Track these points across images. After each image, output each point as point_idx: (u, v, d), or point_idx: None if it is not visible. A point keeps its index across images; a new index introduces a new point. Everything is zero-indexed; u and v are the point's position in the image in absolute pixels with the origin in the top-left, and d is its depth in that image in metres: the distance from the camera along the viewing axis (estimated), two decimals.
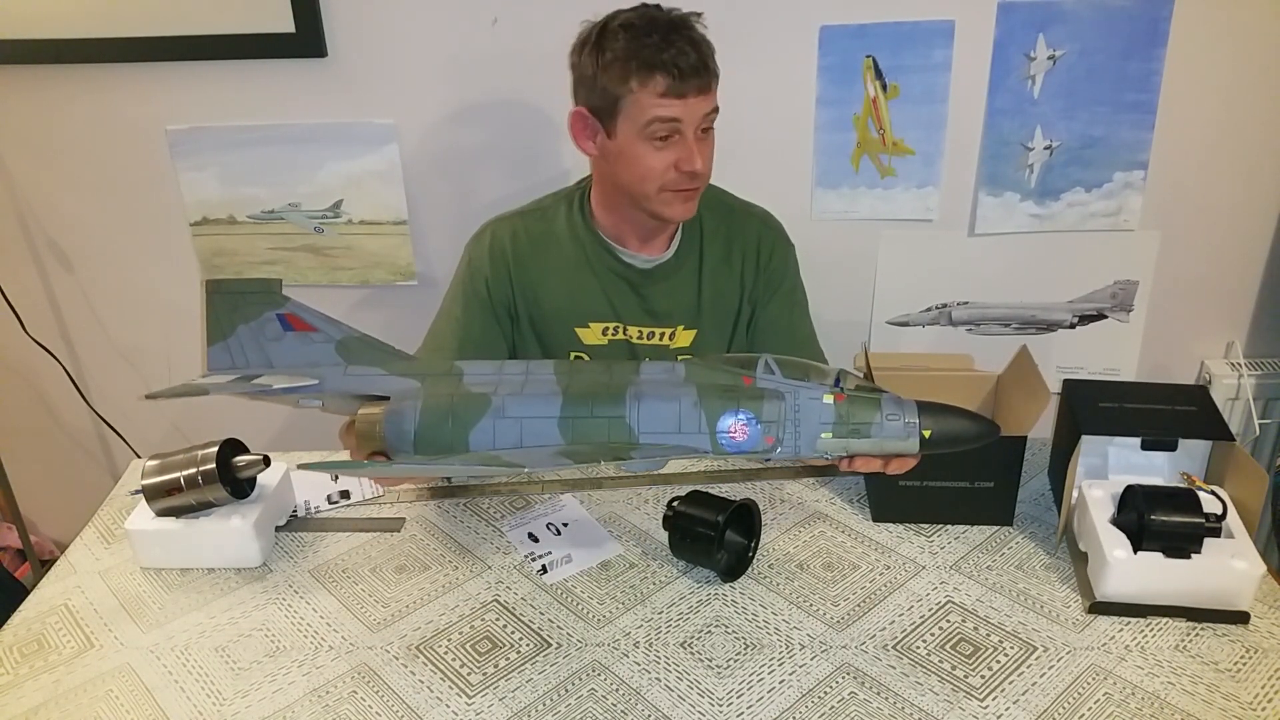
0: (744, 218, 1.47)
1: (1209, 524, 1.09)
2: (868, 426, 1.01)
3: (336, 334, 1.08)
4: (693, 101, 1.27)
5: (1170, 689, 1.02)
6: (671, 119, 1.27)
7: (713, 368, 1.06)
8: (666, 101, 1.26)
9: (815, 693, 1.03)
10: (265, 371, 1.08)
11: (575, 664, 1.08)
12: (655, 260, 1.43)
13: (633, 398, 1.02)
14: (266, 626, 1.15)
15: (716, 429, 1.01)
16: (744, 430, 1.01)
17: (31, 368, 2.08)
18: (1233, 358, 1.87)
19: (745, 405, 1.01)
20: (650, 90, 1.25)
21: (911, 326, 1.90)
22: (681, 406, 1.01)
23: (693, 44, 1.26)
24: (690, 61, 1.25)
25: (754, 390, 1.02)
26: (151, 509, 1.22)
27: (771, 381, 1.03)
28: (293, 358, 1.08)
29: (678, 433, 1.01)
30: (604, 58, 1.26)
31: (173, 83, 1.77)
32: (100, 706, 1.05)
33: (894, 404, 1.01)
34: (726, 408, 1.01)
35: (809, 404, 1.01)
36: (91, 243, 1.95)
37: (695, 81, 1.26)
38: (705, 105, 1.29)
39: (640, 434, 1.01)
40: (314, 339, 1.08)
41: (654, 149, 1.29)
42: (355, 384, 1.07)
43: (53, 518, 2.29)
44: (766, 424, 1.00)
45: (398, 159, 1.80)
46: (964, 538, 1.25)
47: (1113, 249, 1.79)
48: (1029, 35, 1.63)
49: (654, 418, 1.01)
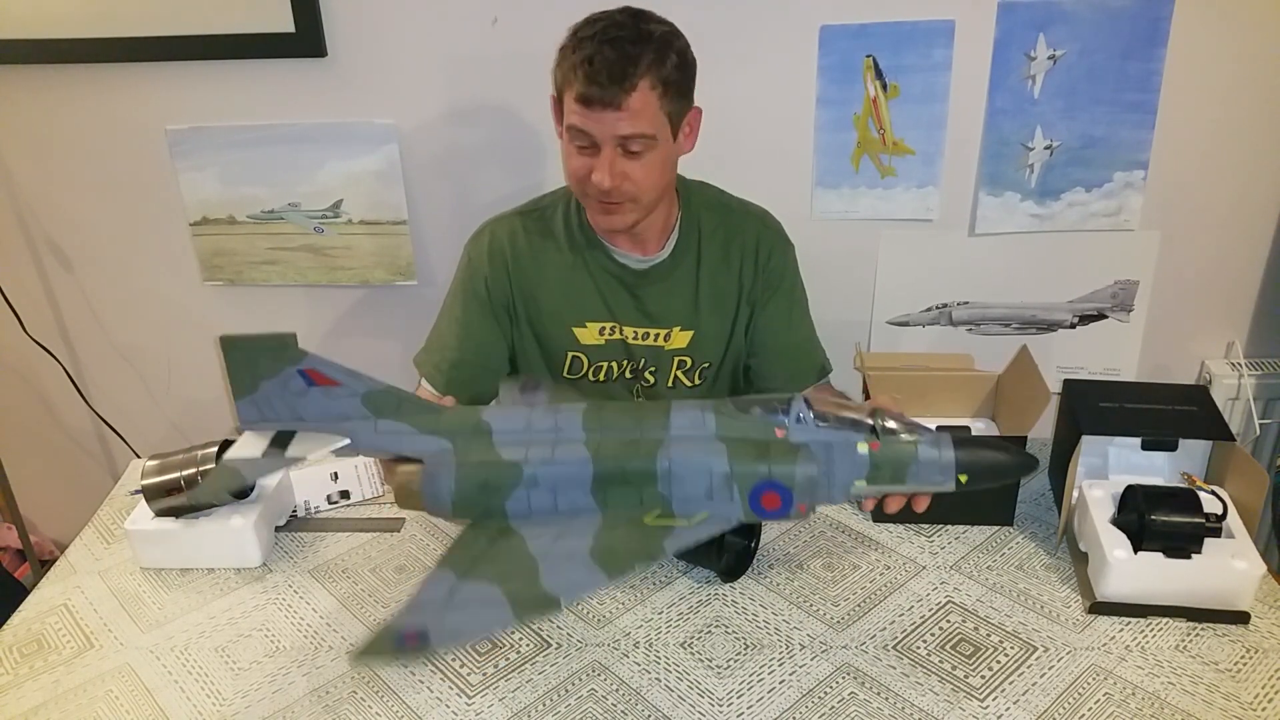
0: (742, 217, 1.46)
1: (1209, 524, 1.09)
2: (904, 472, 0.95)
3: (361, 388, 1.04)
4: (602, 115, 1.21)
5: (1170, 689, 1.02)
6: (580, 129, 1.23)
7: (743, 417, 0.99)
8: (577, 110, 1.22)
9: (815, 693, 1.03)
10: (296, 425, 1.04)
11: (575, 664, 1.07)
12: (650, 261, 1.42)
13: (663, 459, 0.95)
14: (266, 626, 1.15)
15: (749, 500, 0.95)
16: (777, 501, 0.95)
17: (31, 368, 2.08)
18: (1233, 358, 1.87)
19: (778, 474, 0.94)
20: (569, 94, 1.23)
21: (911, 326, 1.90)
22: (713, 476, 0.95)
23: (620, 59, 1.19)
24: (602, 77, 1.19)
25: (786, 449, 0.95)
26: (151, 509, 1.22)
27: (804, 432, 0.96)
28: (321, 412, 1.04)
29: (709, 500, 0.95)
30: (564, 51, 1.25)
31: (173, 83, 1.77)
32: (100, 706, 1.05)
33: (931, 447, 0.95)
34: (759, 476, 0.94)
35: (843, 455, 0.95)
36: (91, 243, 1.95)
37: (603, 95, 1.20)
38: (620, 124, 1.21)
39: (674, 499, 0.96)
40: (339, 393, 1.04)
41: (574, 152, 1.27)
42: (386, 441, 1.03)
43: (53, 518, 2.29)
44: (800, 492, 0.94)
45: (398, 159, 1.80)
46: (964, 538, 1.25)
47: (1113, 249, 1.79)
48: (1029, 35, 1.63)
49: (686, 485, 0.95)
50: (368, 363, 2.17)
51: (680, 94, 1.27)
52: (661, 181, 1.32)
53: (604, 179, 1.25)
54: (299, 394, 1.04)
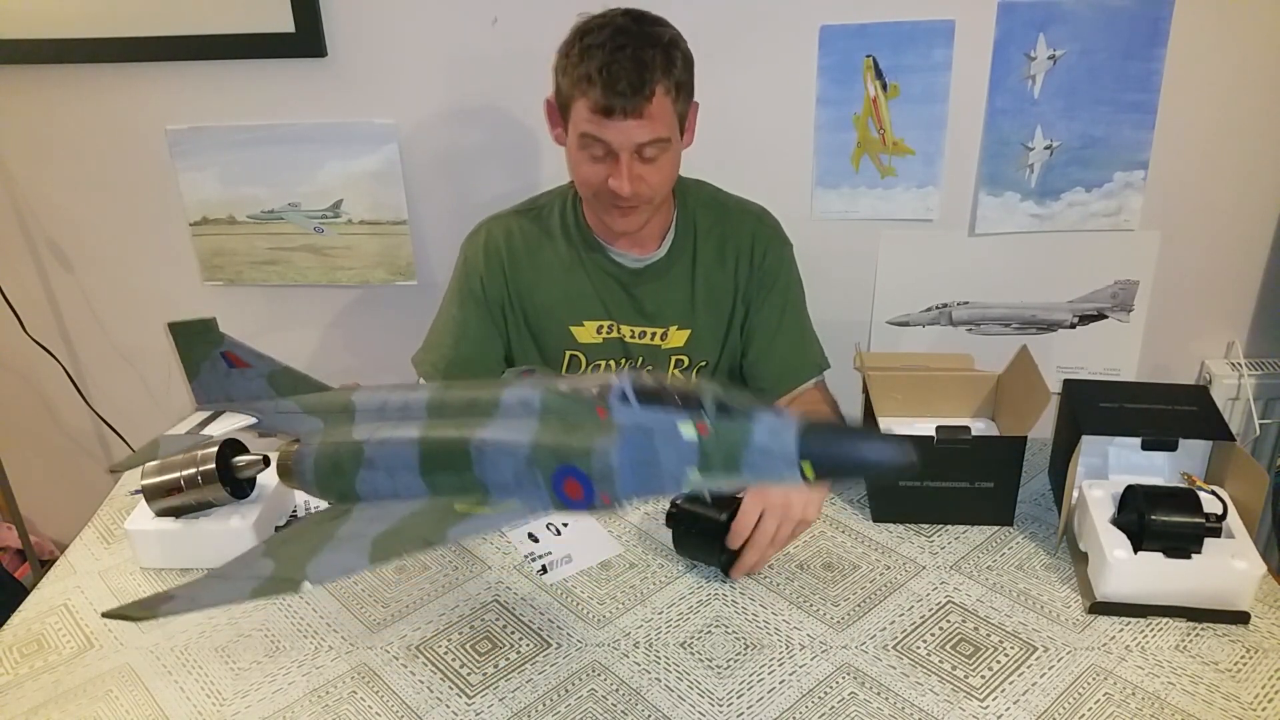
0: (739, 215, 1.45)
1: (1209, 524, 1.09)
2: (737, 460, 0.78)
3: (265, 369, 1.06)
4: (622, 124, 1.21)
5: (1170, 689, 1.02)
6: (597, 138, 1.23)
7: (569, 396, 0.87)
8: (595, 119, 1.22)
9: (815, 693, 1.03)
10: (233, 406, 1.09)
11: (575, 664, 1.07)
12: (646, 259, 1.42)
13: (475, 441, 0.87)
14: (266, 626, 1.15)
15: (553, 487, 0.85)
16: (579, 490, 0.84)
17: (31, 368, 2.08)
18: (1233, 358, 1.87)
19: (576, 458, 0.82)
20: (583, 103, 1.22)
21: (912, 326, 1.90)
22: (517, 460, 0.85)
23: (638, 64, 1.19)
24: (623, 86, 1.19)
25: (592, 432, 0.83)
26: (151, 509, 1.22)
27: (628, 414, 0.82)
28: (242, 392, 1.08)
29: (518, 485, 0.86)
30: (568, 57, 1.24)
31: (173, 83, 1.77)
32: (100, 706, 1.05)
33: (768, 432, 0.78)
34: (559, 460, 0.84)
35: (666, 440, 0.80)
36: (91, 243, 1.95)
37: (624, 104, 1.20)
38: (639, 131, 1.22)
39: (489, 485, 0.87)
40: (249, 375, 1.07)
41: (587, 160, 1.27)
42: (281, 421, 1.05)
43: (53, 518, 2.29)
44: (599, 480, 0.82)
45: (398, 159, 1.80)
46: (964, 538, 1.25)
47: (1113, 249, 1.79)
48: (1029, 35, 1.63)
49: (494, 469, 0.87)
50: (368, 362, 2.18)
51: (688, 94, 1.29)
52: (673, 178, 1.34)
53: (624, 186, 1.25)
54: (224, 375, 1.08)
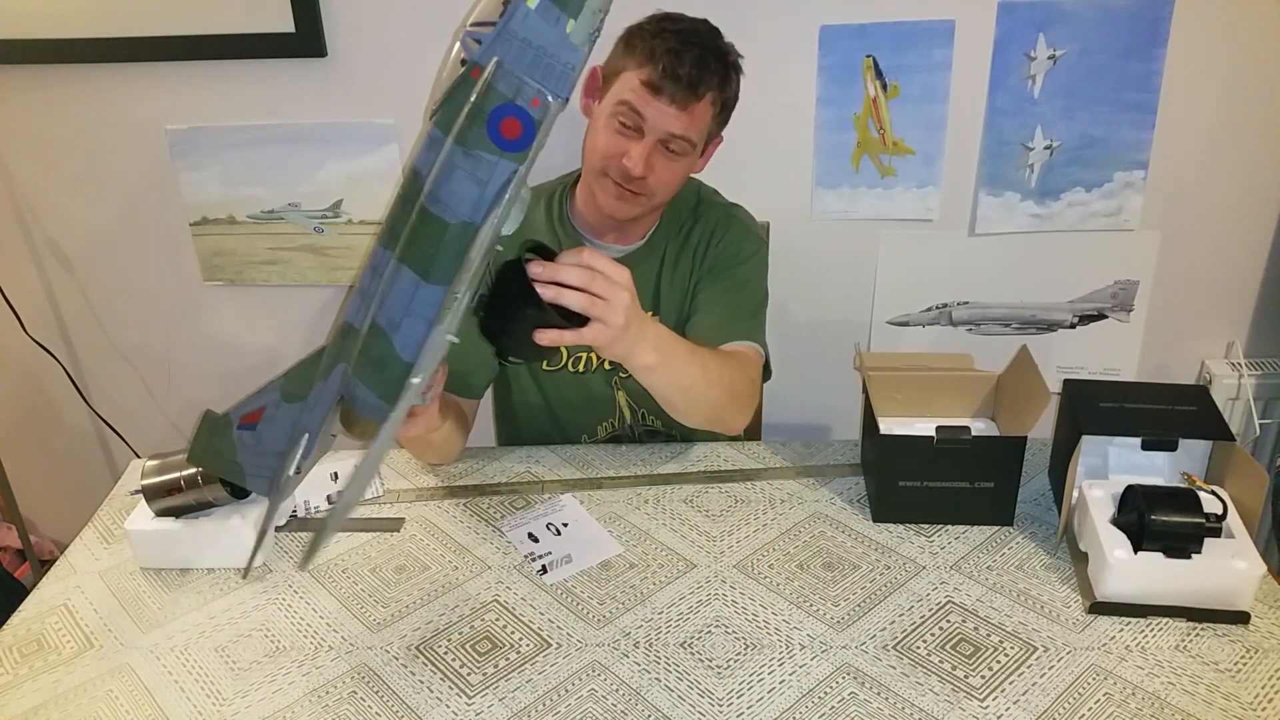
0: (710, 208, 1.48)
1: (1209, 524, 1.09)
2: None
3: (274, 393, 1.05)
4: (664, 107, 1.26)
5: (1170, 689, 1.02)
6: (635, 110, 1.27)
7: (455, 97, 0.88)
8: (640, 92, 1.26)
9: (815, 693, 1.03)
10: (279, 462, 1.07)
11: (575, 664, 1.07)
12: (625, 250, 1.45)
13: (430, 197, 0.89)
14: (266, 626, 1.15)
15: (493, 138, 0.86)
16: (517, 126, 0.87)
17: (31, 368, 2.08)
18: (1233, 358, 1.87)
19: (496, 101, 0.85)
20: (636, 75, 1.26)
21: (911, 326, 1.90)
22: (454, 154, 0.87)
23: (700, 65, 1.25)
24: (682, 73, 1.24)
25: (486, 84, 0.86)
26: (151, 509, 1.22)
27: (488, 48, 0.87)
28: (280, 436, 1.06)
29: (475, 177, 0.88)
30: (640, 31, 1.29)
31: (173, 83, 1.77)
32: (100, 706, 1.05)
33: None
34: (487, 113, 0.86)
35: (529, 25, 0.84)
36: (91, 243, 1.95)
37: (674, 91, 1.25)
38: (675, 122, 1.27)
39: (449, 200, 0.88)
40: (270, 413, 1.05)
41: (613, 129, 1.29)
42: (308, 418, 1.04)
43: (53, 518, 2.29)
44: (520, 97, 0.85)
45: (398, 159, 1.80)
46: (964, 538, 1.25)
47: (1113, 249, 1.79)
48: (1029, 35, 1.63)
49: (457, 188, 0.88)
50: None
51: (724, 119, 1.36)
52: (676, 187, 1.37)
53: (637, 165, 1.28)
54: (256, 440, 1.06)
